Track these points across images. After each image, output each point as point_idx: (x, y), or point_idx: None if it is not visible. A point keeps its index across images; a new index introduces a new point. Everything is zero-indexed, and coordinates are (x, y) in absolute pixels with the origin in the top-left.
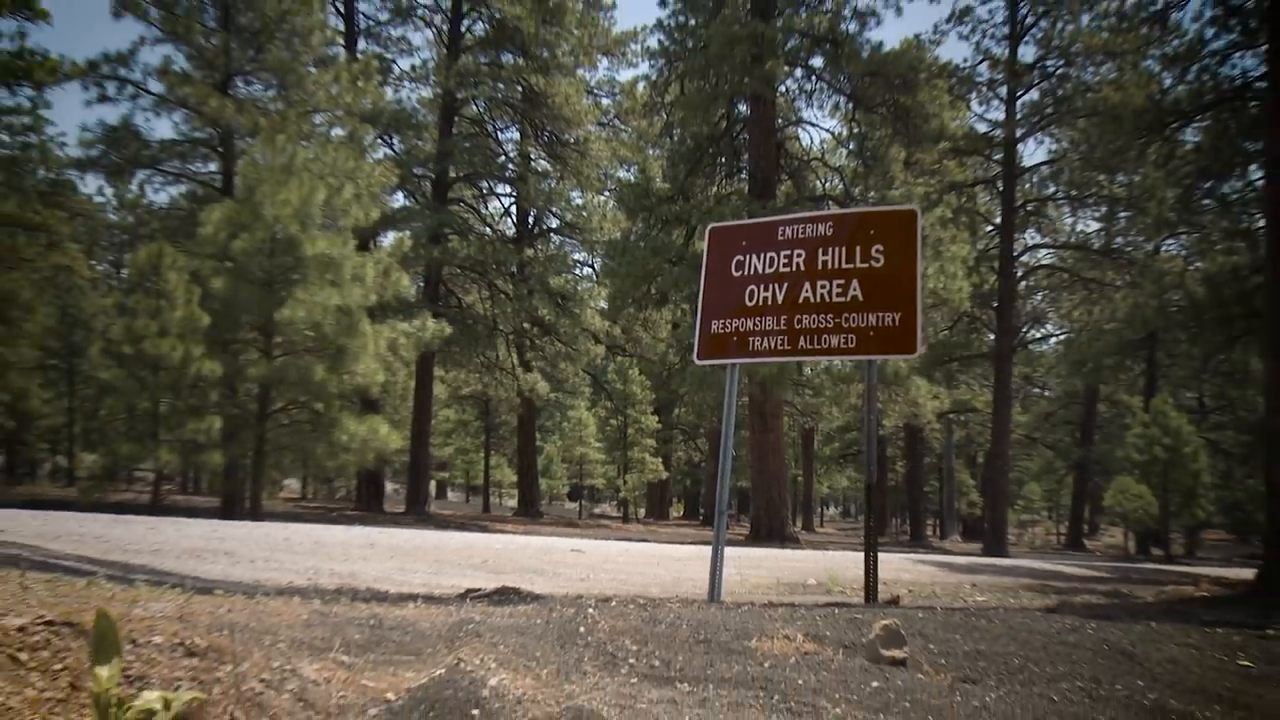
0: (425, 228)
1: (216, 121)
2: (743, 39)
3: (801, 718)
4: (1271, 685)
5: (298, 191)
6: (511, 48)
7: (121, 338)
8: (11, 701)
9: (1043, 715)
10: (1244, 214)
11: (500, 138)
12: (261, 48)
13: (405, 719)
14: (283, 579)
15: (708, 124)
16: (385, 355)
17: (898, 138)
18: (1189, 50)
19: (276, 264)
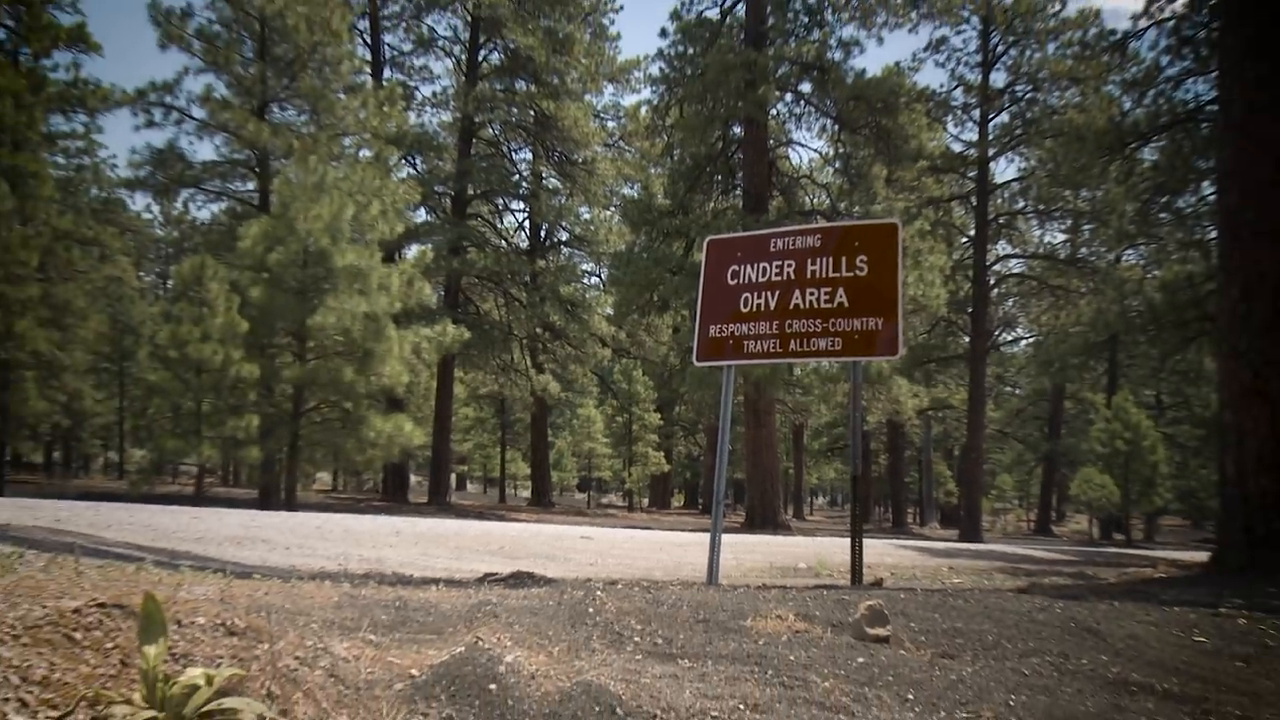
0: (445, 241)
1: (254, 144)
2: (737, 67)
3: (793, 690)
4: (1224, 658)
5: (328, 208)
6: (525, 75)
7: (167, 342)
8: (67, 677)
9: (1015, 688)
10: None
11: (514, 158)
12: (295, 76)
13: (428, 693)
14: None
15: (705, 145)
16: (409, 358)
17: (880, 157)
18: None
19: (309, 274)
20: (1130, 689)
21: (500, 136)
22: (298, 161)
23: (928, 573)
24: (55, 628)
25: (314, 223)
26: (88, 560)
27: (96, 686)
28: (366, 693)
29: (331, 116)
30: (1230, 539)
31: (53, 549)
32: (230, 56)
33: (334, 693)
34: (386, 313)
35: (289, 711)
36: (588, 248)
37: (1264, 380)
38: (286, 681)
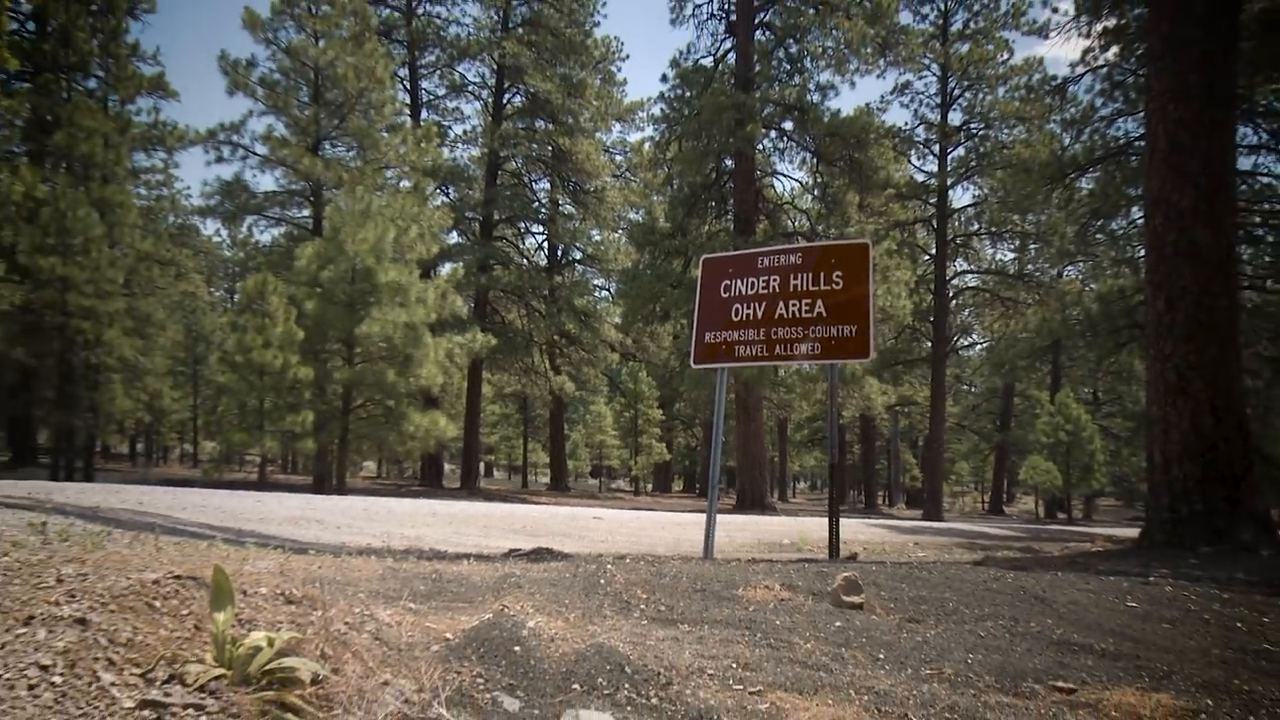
0: (474, 260)
1: (309, 176)
2: (728, 108)
3: (779, 651)
4: (1153, 621)
5: (373, 232)
6: (543, 116)
7: (234, 349)
8: (148, 639)
9: (972, 648)
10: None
11: (534, 187)
12: (344, 117)
13: (461, 654)
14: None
15: (700, 175)
16: (443, 362)
17: (852, 185)
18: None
19: (356, 290)
20: (1072, 648)
21: (522, 169)
22: (347, 191)
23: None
24: (138, 596)
25: (361, 245)
26: (166, 538)
27: (173, 648)
28: (407, 653)
29: (376, 152)
30: (1157, 518)
31: (136, 528)
32: (288, 101)
33: (379, 653)
34: (423, 322)
35: (340, 670)
36: (599, 265)
37: (1186, 381)
38: (337, 644)
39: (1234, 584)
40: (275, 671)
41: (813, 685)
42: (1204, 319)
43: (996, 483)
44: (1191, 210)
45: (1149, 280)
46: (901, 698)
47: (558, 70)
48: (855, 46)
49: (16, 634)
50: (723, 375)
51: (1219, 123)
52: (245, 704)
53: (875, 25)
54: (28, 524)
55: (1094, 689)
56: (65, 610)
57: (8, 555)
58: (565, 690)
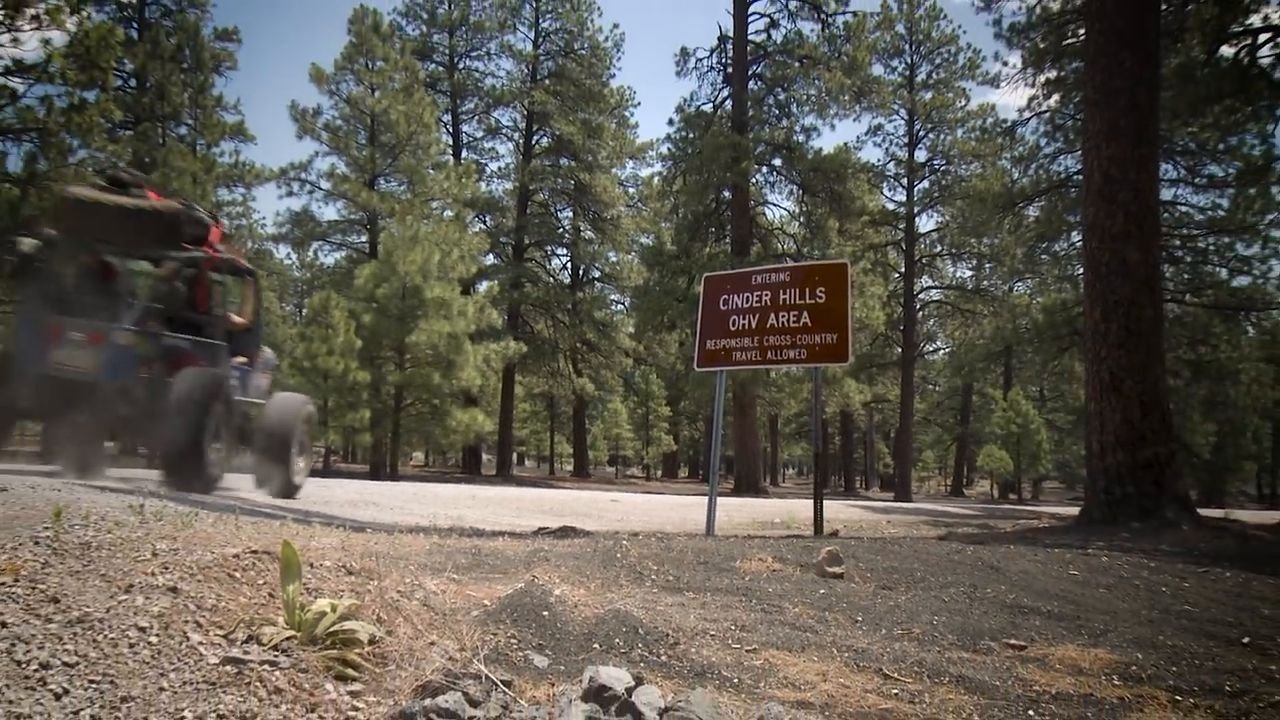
0: (508, 278)
1: (365, 208)
2: (725, 147)
3: (771, 614)
4: (1091, 587)
5: (421, 254)
6: (567, 154)
7: (302, 356)
8: (230, 605)
9: (937, 610)
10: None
11: (559, 216)
12: (396, 157)
13: (497, 618)
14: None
15: (702, 205)
16: (481, 366)
17: (833, 213)
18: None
19: (407, 304)
20: (1022, 611)
21: (548, 200)
22: (398, 220)
23: (871, 525)
24: (220, 568)
25: (410, 266)
26: (244, 518)
27: (251, 613)
28: (451, 618)
29: (423, 186)
30: (1095, 499)
31: (219, 509)
32: (348, 143)
33: (426, 618)
34: (464, 332)
35: (393, 632)
36: (615, 283)
37: (1119, 381)
38: (391, 609)
39: (1159, 554)
40: (338, 633)
41: (800, 644)
42: (1134, 328)
43: (957, 469)
44: (1123, 234)
45: (1087, 295)
46: (877, 654)
47: (579, 115)
48: (834, 94)
49: (119, 600)
50: (721, 377)
51: (1145, 159)
52: (312, 661)
53: (851, 76)
54: (128, 506)
55: (1041, 646)
56: (159, 580)
57: (111, 533)
58: (587, 649)
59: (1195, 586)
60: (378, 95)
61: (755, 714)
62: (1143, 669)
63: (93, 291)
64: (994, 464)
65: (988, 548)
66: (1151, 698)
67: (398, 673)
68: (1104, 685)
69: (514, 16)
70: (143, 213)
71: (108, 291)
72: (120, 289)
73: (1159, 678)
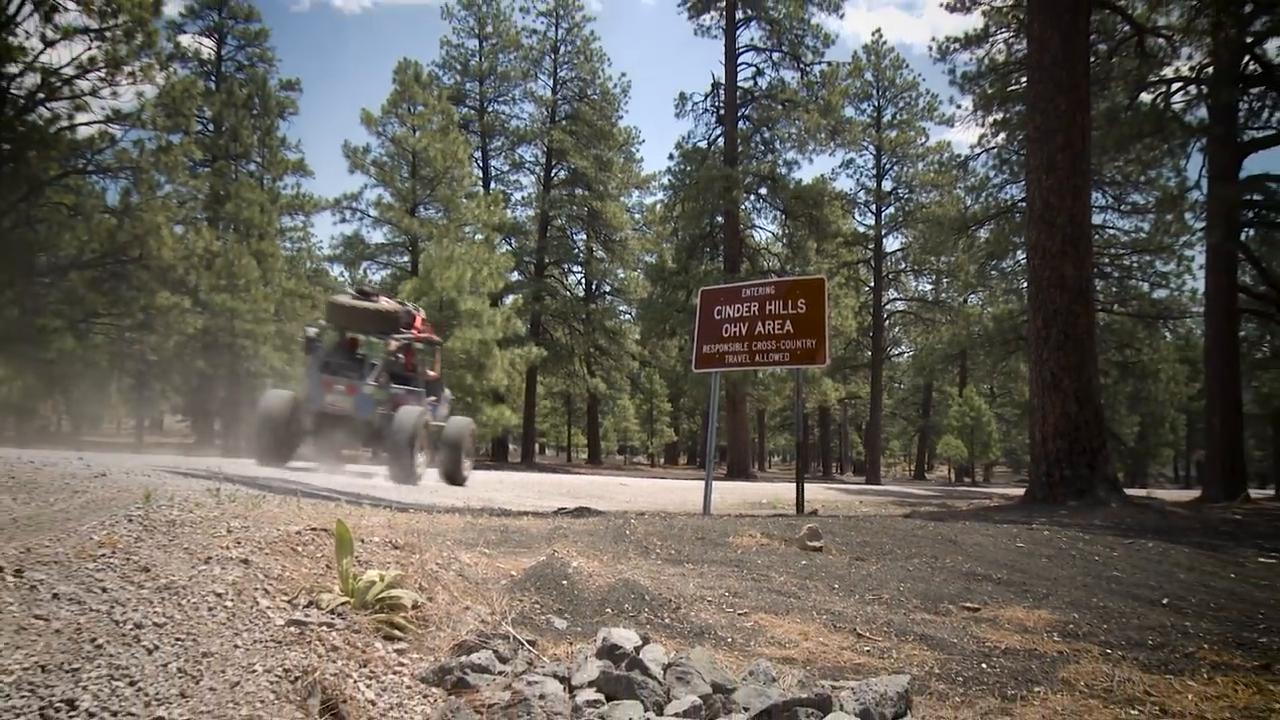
0: (530, 292)
1: (408, 232)
2: (718, 178)
3: (760, 582)
4: (1034, 556)
5: (456, 272)
6: (581, 185)
7: None
8: (293, 574)
9: (903, 578)
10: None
11: (574, 238)
12: (434, 188)
13: (523, 586)
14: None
15: (698, 228)
16: (508, 369)
17: (811, 235)
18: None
19: (444, 315)
20: (976, 578)
21: (565, 224)
22: (436, 242)
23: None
24: (285, 543)
25: (446, 282)
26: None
27: (311, 581)
28: (482, 586)
29: (457, 213)
30: (1037, 481)
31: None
32: (393, 176)
33: (461, 586)
34: (493, 339)
35: (433, 598)
36: (623, 296)
37: (1057, 379)
38: (431, 579)
39: (1093, 528)
40: (385, 599)
41: (785, 608)
42: (1070, 333)
43: (919, 455)
44: (1060, 253)
45: (1030, 305)
46: (851, 616)
47: (592, 152)
48: (812, 133)
49: (199, 569)
50: (716, 378)
51: (1079, 189)
52: (364, 623)
53: (827, 117)
54: (206, 490)
55: (993, 608)
56: (233, 553)
57: (192, 512)
58: (600, 613)
59: (1122, 555)
60: (418, 135)
61: (747, 669)
62: (1079, 627)
63: (348, 360)
64: (951, 451)
65: (946, 524)
66: (1086, 651)
67: (437, 633)
68: (1046, 641)
69: (535, 67)
70: (378, 313)
71: (357, 359)
72: (365, 358)
73: (1092, 634)
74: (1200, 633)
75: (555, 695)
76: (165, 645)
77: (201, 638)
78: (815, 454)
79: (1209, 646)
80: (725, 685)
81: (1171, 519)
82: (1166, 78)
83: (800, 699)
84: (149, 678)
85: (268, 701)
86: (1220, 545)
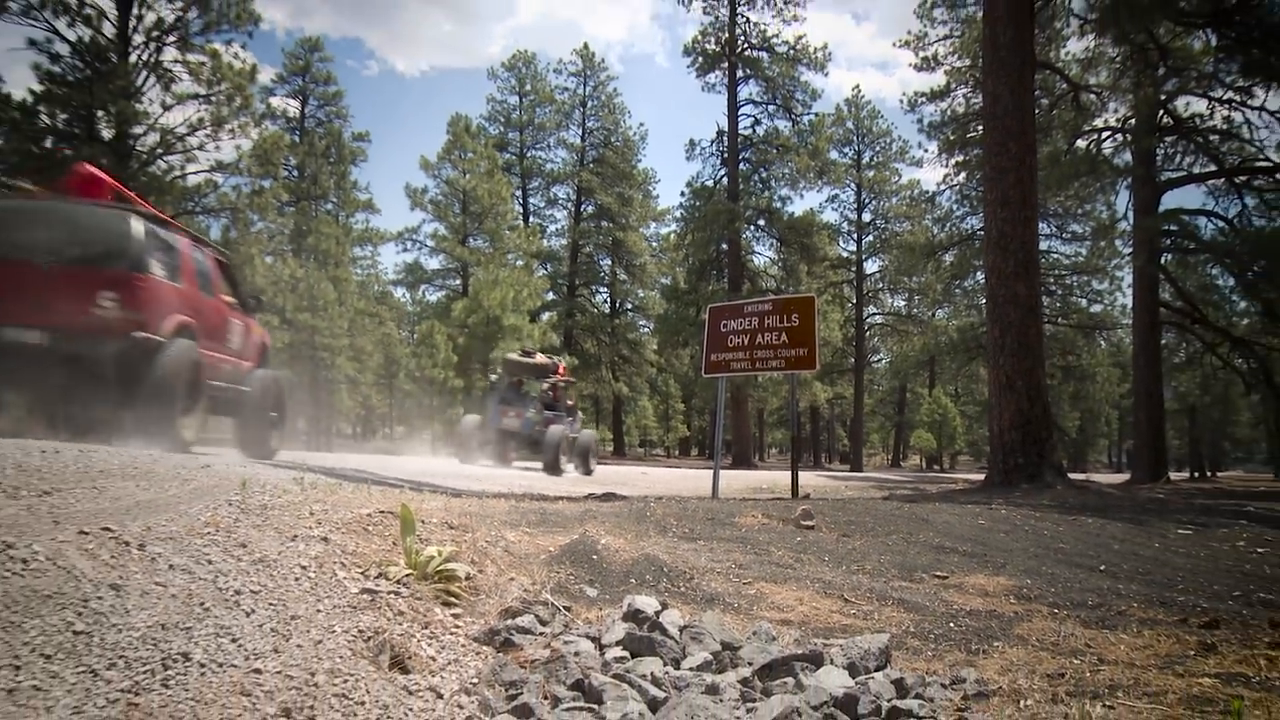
0: (563, 310)
1: (460, 259)
2: (723, 212)
3: (761, 556)
4: (994, 531)
5: (500, 293)
6: (606, 218)
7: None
8: (365, 550)
9: (883, 551)
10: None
11: (600, 264)
12: (481, 222)
13: (559, 560)
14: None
15: (706, 254)
16: None
17: (802, 260)
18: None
19: (490, 330)
20: (945, 550)
21: (592, 252)
22: (483, 268)
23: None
24: (358, 524)
25: (492, 301)
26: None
27: (380, 556)
28: (525, 560)
29: (501, 243)
30: (995, 467)
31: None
32: (446, 212)
33: (507, 560)
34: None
35: (482, 570)
36: (642, 312)
37: (1012, 381)
38: (481, 554)
39: (1042, 507)
40: (443, 571)
41: (783, 578)
42: (1023, 342)
43: (896, 446)
44: (1013, 274)
45: (988, 318)
46: (839, 584)
47: (615, 190)
48: (802, 173)
49: (287, 545)
50: (722, 382)
51: (1028, 220)
52: (425, 591)
53: (815, 160)
54: (291, 478)
55: (959, 576)
56: (315, 532)
57: (280, 497)
58: (625, 583)
59: (1067, 530)
60: (468, 177)
61: (750, 629)
62: (1030, 591)
63: (516, 395)
64: (922, 443)
65: (919, 505)
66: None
67: (486, 600)
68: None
69: (567, 119)
70: (534, 365)
71: (522, 395)
72: (527, 394)
73: (1042, 597)
74: (1130, 594)
75: (588, 653)
76: (260, 609)
77: (289, 603)
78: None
79: (1138, 605)
80: (732, 643)
81: (1107, 498)
82: (1098, 127)
83: (797, 654)
84: (248, 635)
85: (345, 657)
86: (1146, 520)
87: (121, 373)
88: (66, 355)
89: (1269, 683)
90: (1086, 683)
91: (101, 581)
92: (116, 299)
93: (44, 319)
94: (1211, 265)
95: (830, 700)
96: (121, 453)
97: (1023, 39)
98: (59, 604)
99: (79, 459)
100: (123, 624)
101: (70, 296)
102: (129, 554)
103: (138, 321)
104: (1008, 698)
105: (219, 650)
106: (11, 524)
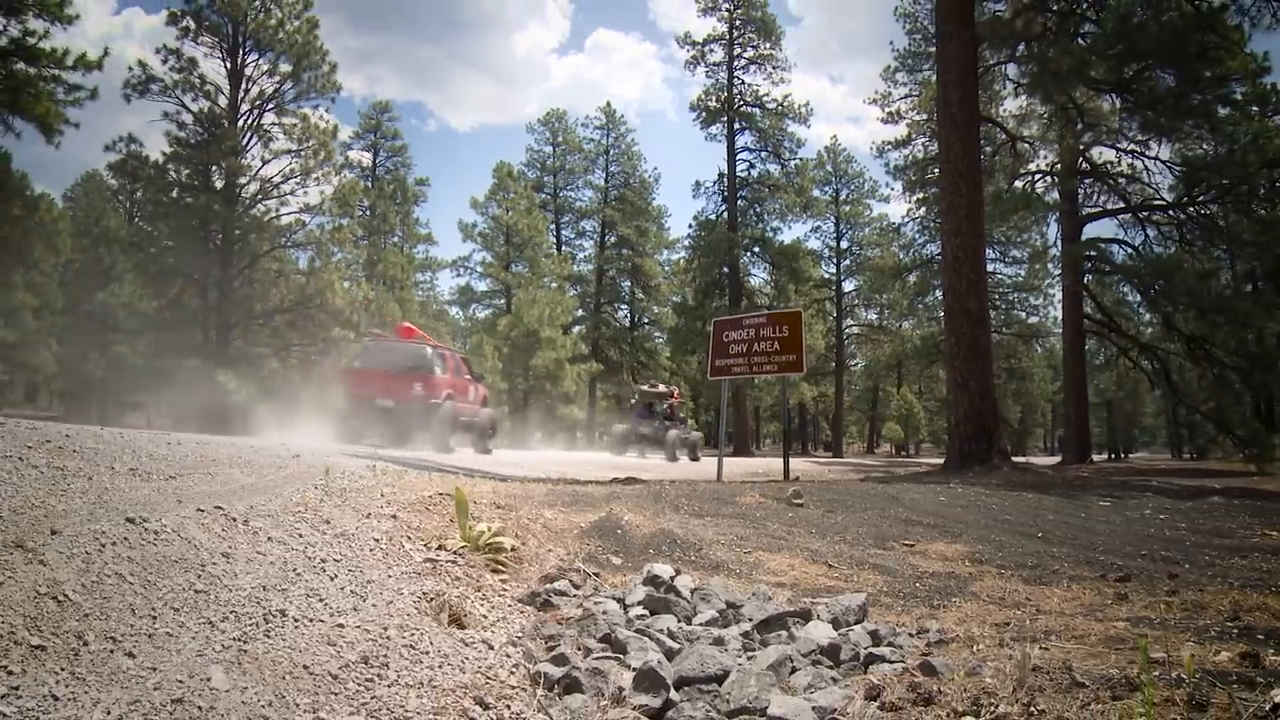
0: (590, 324)
1: (504, 282)
2: (724, 240)
3: (759, 529)
4: (953, 506)
5: (538, 310)
6: (626, 247)
7: None
8: (427, 526)
9: (860, 524)
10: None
11: (621, 285)
12: (522, 250)
13: (589, 534)
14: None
15: (710, 277)
16: (576, 379)
17: (791, 281)
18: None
19: (529, 341)
20: (912, 523)
21: (615, 275)
22: (523, 289)
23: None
24: (421, 504)
25: (531, 317)
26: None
27: (440, 530)
28: (560, 535)
29: (539, 268)
30: (952, 453)
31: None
32: (492, 243)
33: (545, 534)
34: (565, 358)
35: (525, 543)
36: (657, 326)
37: (965, 382)
38: (523, 529)
39: (991, 486)
40: (491, 543)
41: (777, 547)
42: (974, 348)
43: (870, 436)
44: (966, 292)
45: (946, 329)
46: (825, 552)
47: (634, 223)
48: (790, 208)
49: (363, 522)
50: (725, 383)
51: (977, 247)
52: (477, 560)
53: (800, 197)
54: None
55: (924, 544)
56: (385, 511)
57: (357, 482)
58: (645, 553)
59: (1012, 504)
60: (510, 214)
61: (750, 591)
62: (982, 555)
63: (649, 412)
64: (892, 434)
65: (890, 485)
66: (987, 572)
67: (529, 568)
68: (960, 566)
69: (593, 165)
70: (658, 392)
71: (654, 411)
72: (656, 411)
73: (991, 560)
74: (1062, 555)
75: (614, 611)
76: (342, 574)
77: (365, 569)
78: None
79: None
80: (735, 602)
81: (1043, 477)
82: (1031, 170)
83: (789, 611)
84: (332, 596)
85: (412, 615)
86: (1075, 494)
87: (425, 419)
88: (403, 412)
89: (1168, 623)
90: (1027, 629)
91: (215, 550)
92: (422, 385)
93: (393, 395)
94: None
95: (817, 649)
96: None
97: (969, 98)
98: (183, 568)
99: (196, 449)
100: (232, 585)
101: (403, 385)
102: (236, 528)
103: (430, 395)
104: (963, 643)
105: (309, 608)
106: (145, 502)
